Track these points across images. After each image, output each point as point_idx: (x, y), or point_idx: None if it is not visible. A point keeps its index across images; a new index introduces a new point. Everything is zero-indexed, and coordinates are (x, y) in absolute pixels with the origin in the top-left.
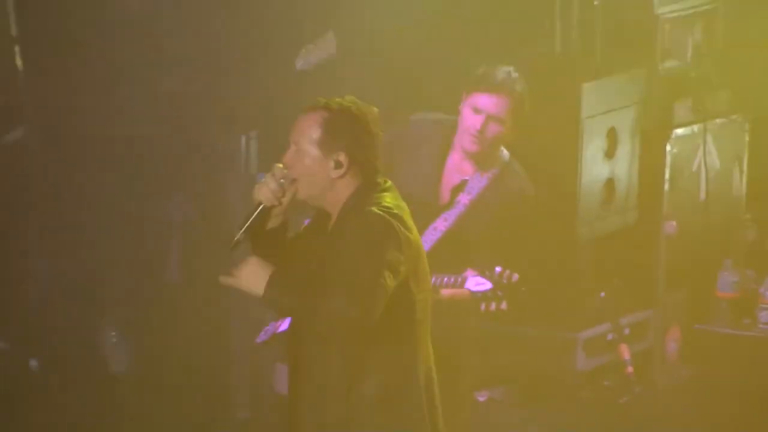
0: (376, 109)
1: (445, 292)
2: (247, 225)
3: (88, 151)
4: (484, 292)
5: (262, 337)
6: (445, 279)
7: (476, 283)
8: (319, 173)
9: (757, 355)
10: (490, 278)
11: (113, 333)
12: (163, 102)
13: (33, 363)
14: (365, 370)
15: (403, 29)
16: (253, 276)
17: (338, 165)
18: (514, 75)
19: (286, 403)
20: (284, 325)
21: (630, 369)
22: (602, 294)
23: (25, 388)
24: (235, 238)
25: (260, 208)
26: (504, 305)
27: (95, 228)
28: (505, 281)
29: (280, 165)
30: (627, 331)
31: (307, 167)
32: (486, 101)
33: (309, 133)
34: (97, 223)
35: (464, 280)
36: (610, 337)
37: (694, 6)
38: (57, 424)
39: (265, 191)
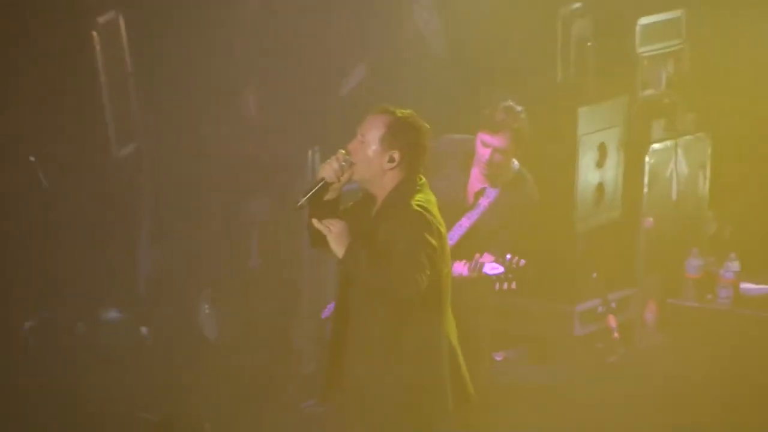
0: (428, 125)
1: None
2: (310, 195)
3: (188, 162)
4: (498, 275)
5: (325, 313)
6: (470, 264)
7: (492, 267)
8: (374, 163)
9: (717, 323)
10: (502, 264)
11: (207, 306)
12: (248, 124)
13: (144, 330)
14: (402, 332)
15: (434, 66)
16: (339, 238)
17: (391, 160)
18: (514, 111)
19: (330, 358)
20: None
21: (616, 334)
22: (594, 275)
23: (136, 350)
24: (298, 204)
25: (322, 182)
26: (514, 285)
27: (193, 222)
28: (514, 266)
29: (344, 151)
30: (614, 304)
31: (367, 156)
32: (490, 139)
33: (375, 130)
34: (195, 218)
35: (483, 265)
36: (600, 309)
37: (666, 46)
38: (161, 380)
39: (328, 169)
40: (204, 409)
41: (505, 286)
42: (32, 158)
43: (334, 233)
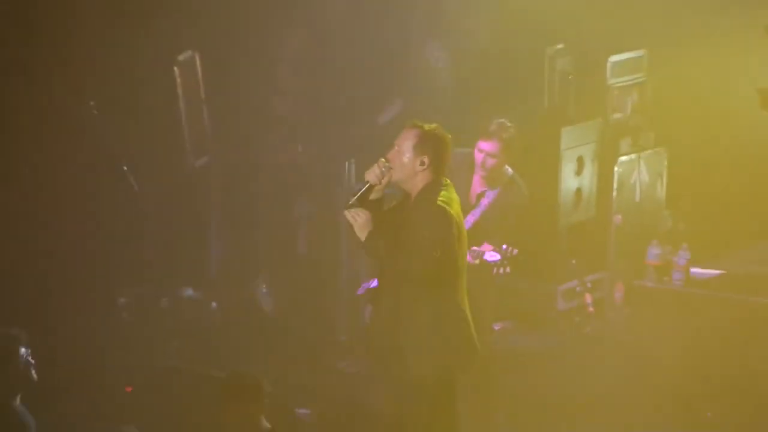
0: (450, 135)
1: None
2: (358, 195)
3: (248, 170)
4: (495, 261)
5: (360, 291)
6: (473, 253)
7: (491, 255)
8: (408, 167)
9: (672, 300)
10: (499, 252)
11: (264, 286)
12: (298, 141)
13: (213, 304)
14: (422, 304)
15: (443, 93)
16: (364, 226)
17: (422, 163)
18: (504, 125)
19: (367, 326)
20: (374, 283)
21: (591, 309)
22: (573, 261)
23: (208, 321)
24: (350, 203)
25: (367, 185)
26: (508, 270)
27: (253, 218)
28: (509, 254)
29: (384, 159)
30: (589, 285)
31: (402, 162)
32: (484, 145)
33: (408, 140)
34: (254, 215)
35: (483, 253)
36: (578, 288)
37: (631, 79)
38: (227, 344)
39: (372, 174)
40: (261, 368)
41: (501, 270)
42: (125, 167)
43: (359, 222)
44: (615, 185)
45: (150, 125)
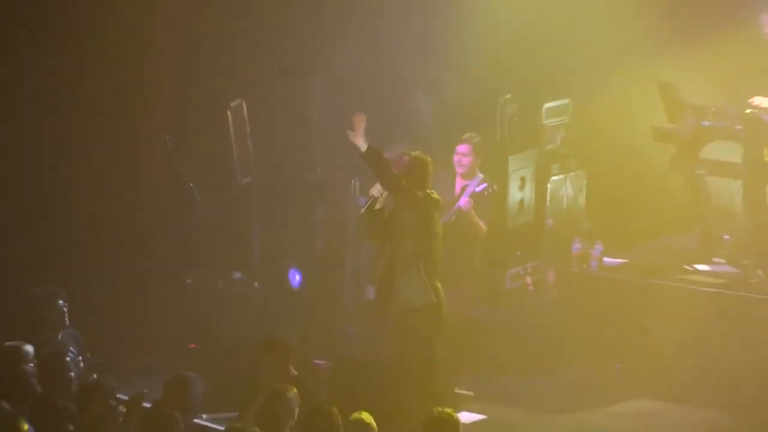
0: (430, 159)
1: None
2: (366, 205)
3: (280, 186)
4: (485, 188)
5: (368, 294)
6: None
7: (480, 187)
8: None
9: (589, 282)
10: (485, 182)
11: (292, 271)
12: (318, 165)
13: (256, 284)
14: (402, 277)
15: (425, 128)
16: (362, 140)
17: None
18: (473, 135)
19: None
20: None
21: (531, 288)
22: (518, 252)
23: (252, 297)
24: (361, 212)
25: (372, 198)
26: (495, 187)
27: (283, 220)
28: (491, 189)
29: None
30: (529, 270)
31: None
32: (460, 148)
33: (399, 166)
34: (284, 218)
35: (474, 189)
36: (521, 272)
37: (560, 120)
38: (265, 314)
39: (375, 189)
40: (290, 331)
41: (490, 189)
42: (191, 184)
43: (359, 134)
44: (548, 197)
45: (209, 153)
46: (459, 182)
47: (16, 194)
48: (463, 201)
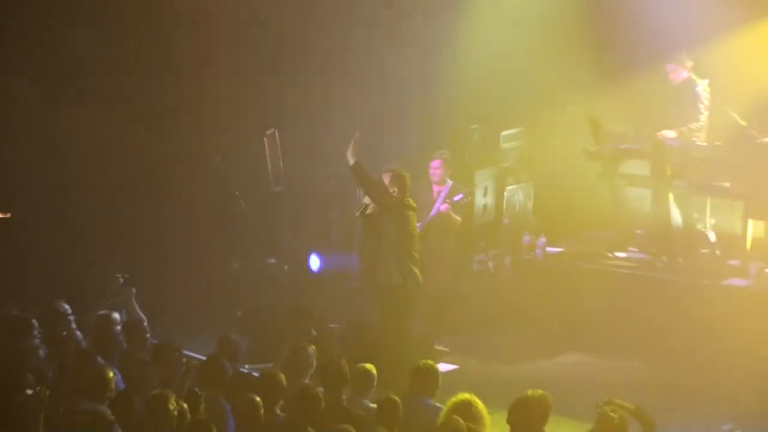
0: (408, 174)
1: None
2: (360, 210)
3: (304, 193)
4: (460, 198)
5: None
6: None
7: (457, 197)
8: (386, 193)
9: (535, 266)
10: (462, 192)
11: (312, 257)
12: (332, 177)
13: (285, 267)
14: (385, 259)
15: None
16: (352, 156)
17: (395, 192)
18: (443, 151)
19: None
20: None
21: (492, 270)
22: (482, 243)
23: (282, 276)
24: (357, 214)
25: (365, 204)
26: (468, 199)
27: (304, 220)
28: (465, 199)
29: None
30: (491, 256)
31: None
32: (433, 163)
33: (387, 178)
34: (306, 219)
35: (454, 197)
36: (484, 258)
37: (514, 144)
38: (292, 289)
39: (367, 199)
40: (310, 302)
41: (464, 200)
42: (237, 192)
43: (352, 153)
44: (504, 202)
45: (250, 169)
46: (435, 188)
47: (116, 200)
48: (444, 207)
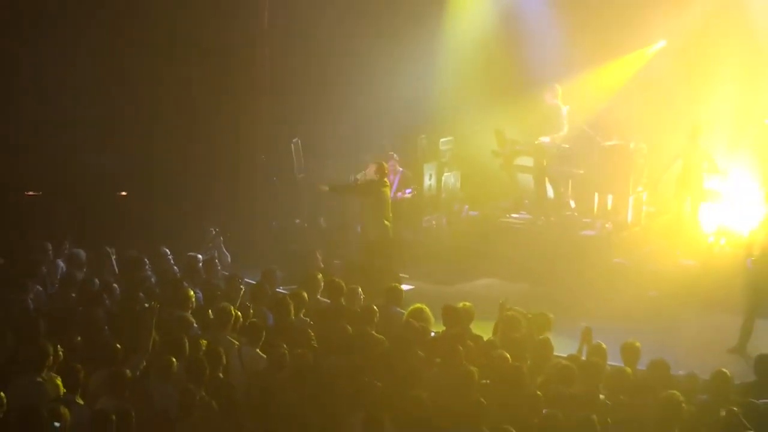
0: (385, 164)
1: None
2: (355, 182)
3: (321, 178)
4: (410, 193)
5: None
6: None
7: (408, 192)
8: (370, 176)
9: (461, 223)
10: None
11: (322, 220)
12: (340, 170)
13: (298, 221)
14: (368, 223)
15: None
16: (324, 185)
17: (377, 176)
18: (393, 154)
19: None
20: None
21: (434, 226)
22: (429, 209)
23: (301, 232)
24: (351, 183)
25: (356, 179)
26: (414, 194)
27: (321, 200)
28: (413, 192)
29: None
30: (434, 217)
31: (371, 174)
32: (390, 161)
33: (372, 167)
34: (322, 199)
35: (405, 191)
36: (430, 219)
37: (447, 147)
38: (309, 243)
39: (360, 176)
40: (322, 247)
41: (409, 193)
42: (275, 178)
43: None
44: (443, 183)
45: (283, 164)
46: (391, 175)
47: (185, 181)
48: (399, 195)
